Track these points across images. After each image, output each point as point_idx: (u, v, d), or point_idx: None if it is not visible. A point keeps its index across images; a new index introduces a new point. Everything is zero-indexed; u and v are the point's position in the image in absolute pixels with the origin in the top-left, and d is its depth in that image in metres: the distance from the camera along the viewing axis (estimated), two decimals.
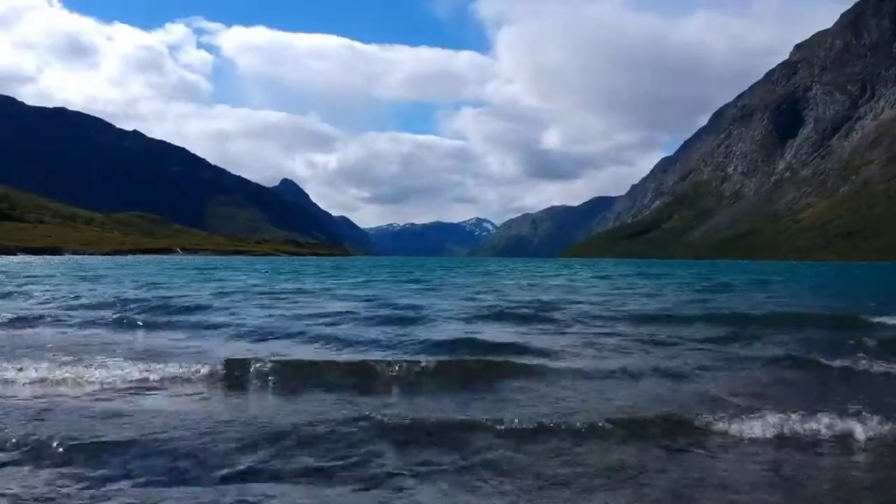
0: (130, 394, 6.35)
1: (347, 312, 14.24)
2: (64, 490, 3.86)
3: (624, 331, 11.46)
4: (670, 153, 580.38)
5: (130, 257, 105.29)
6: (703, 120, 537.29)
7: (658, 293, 23.46)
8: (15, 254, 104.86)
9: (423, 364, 7.49)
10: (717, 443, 5.02)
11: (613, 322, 12.82)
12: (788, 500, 4.08)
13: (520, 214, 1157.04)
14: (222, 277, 34.01)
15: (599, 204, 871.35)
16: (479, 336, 10.53)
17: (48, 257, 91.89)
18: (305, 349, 9.57)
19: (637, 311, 15.23)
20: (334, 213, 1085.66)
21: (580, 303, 17.66)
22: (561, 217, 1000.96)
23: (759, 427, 5.23)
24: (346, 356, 8.84)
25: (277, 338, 10.53)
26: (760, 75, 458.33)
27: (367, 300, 18.13)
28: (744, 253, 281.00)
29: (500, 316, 13.95)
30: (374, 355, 8.86)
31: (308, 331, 11.08)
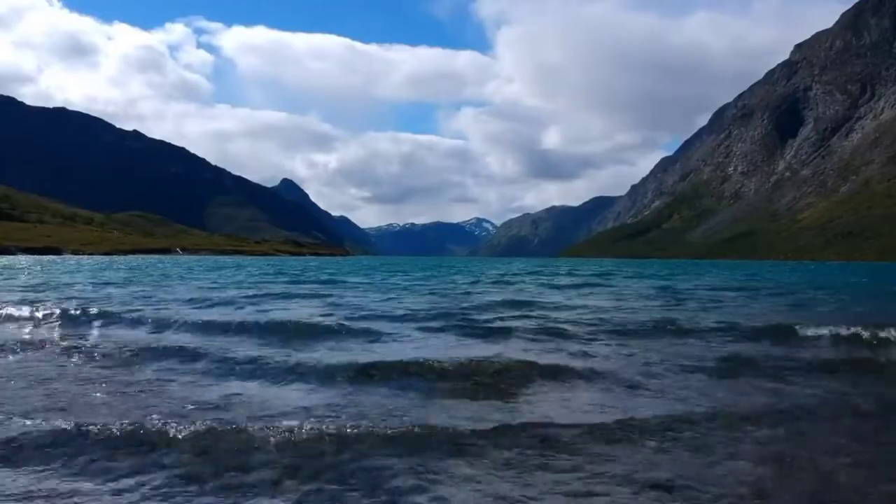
0: None
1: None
2: None
3: (650, 347, 9.12)
4: (670, 153, 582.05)
5: (130, 257, 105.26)
6: (703, 120, 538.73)
7: (660, 294, 22.51)
8: (14, 254, 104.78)
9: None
10: None
11: (626, 336, 10.39)
12: None
13: (520, 214, 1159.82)
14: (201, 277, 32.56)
15: (599, 204, 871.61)
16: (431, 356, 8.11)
17: (46, 257, 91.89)
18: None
19: (637, 319, 12.45)
20: (334, 213, 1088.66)
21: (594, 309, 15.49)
22: (561, 217, 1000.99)
23: None
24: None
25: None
26: (760, 75, 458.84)
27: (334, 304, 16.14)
28: (744, 253, 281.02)
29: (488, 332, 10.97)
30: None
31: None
